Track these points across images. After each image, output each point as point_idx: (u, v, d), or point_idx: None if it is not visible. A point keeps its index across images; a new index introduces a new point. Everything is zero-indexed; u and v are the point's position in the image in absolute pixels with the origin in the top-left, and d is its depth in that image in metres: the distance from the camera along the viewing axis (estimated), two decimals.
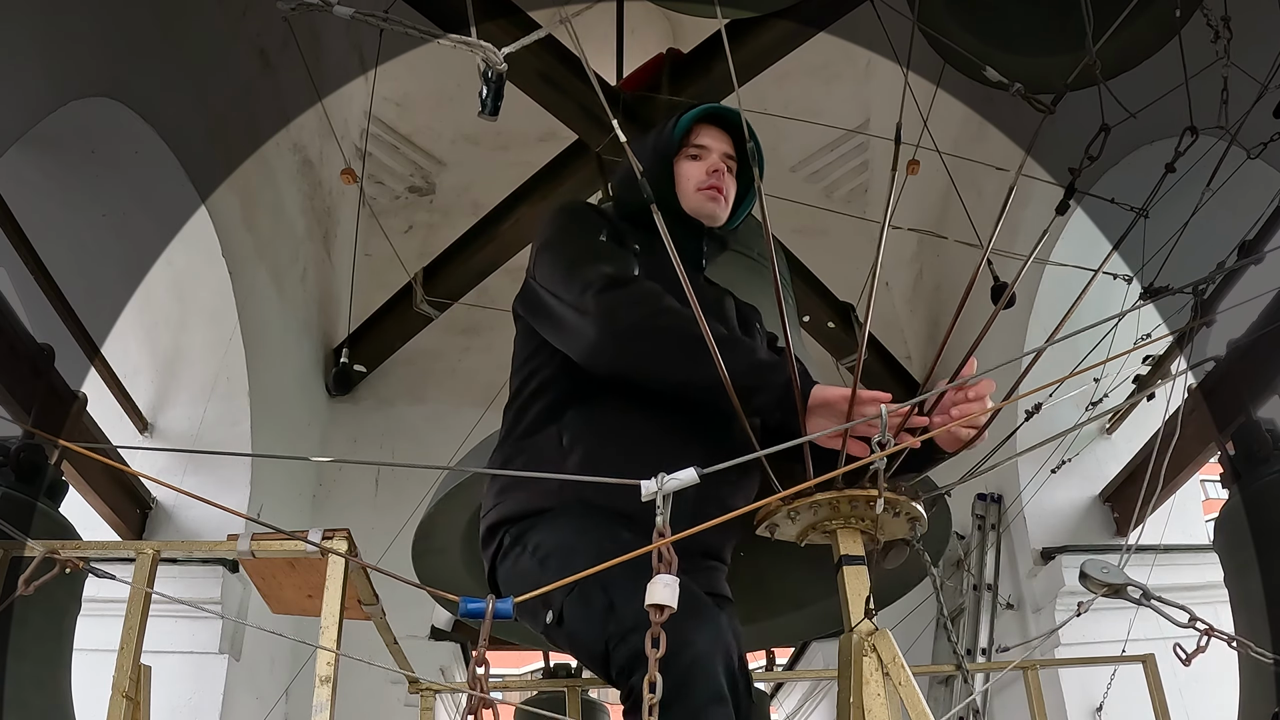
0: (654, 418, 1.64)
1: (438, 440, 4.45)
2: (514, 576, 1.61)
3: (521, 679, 9.91)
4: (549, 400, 1.73)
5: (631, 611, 1.34)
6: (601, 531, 1.52)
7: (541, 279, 1.75)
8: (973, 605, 4.28)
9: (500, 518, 1.66)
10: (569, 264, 1.71)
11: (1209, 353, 2.97)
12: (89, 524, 3.41)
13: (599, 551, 1.41)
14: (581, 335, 1.63)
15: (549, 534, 1.58)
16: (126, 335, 3.84)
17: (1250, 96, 2.17)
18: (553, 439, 1.67)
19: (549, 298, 1.71)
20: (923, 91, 2.70)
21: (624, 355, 1.61)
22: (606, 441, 1.64)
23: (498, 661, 11.35)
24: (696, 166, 1.87)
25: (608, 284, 1.62)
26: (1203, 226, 2.35)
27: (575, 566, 1.37)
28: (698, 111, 1.89)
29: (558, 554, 1.54)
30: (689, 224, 1.86)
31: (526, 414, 1.75)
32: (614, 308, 1.60)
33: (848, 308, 5.16)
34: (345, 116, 5.27)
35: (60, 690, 2.41)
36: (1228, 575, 2.63)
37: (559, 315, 1.68)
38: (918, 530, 1.52)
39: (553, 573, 1.47)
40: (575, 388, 1.70)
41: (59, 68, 2.72)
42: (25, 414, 2.81)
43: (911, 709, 1.31)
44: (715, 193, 1.85)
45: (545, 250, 1.79)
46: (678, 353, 1.53)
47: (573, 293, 1.65)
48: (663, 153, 1.88)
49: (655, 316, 1.57)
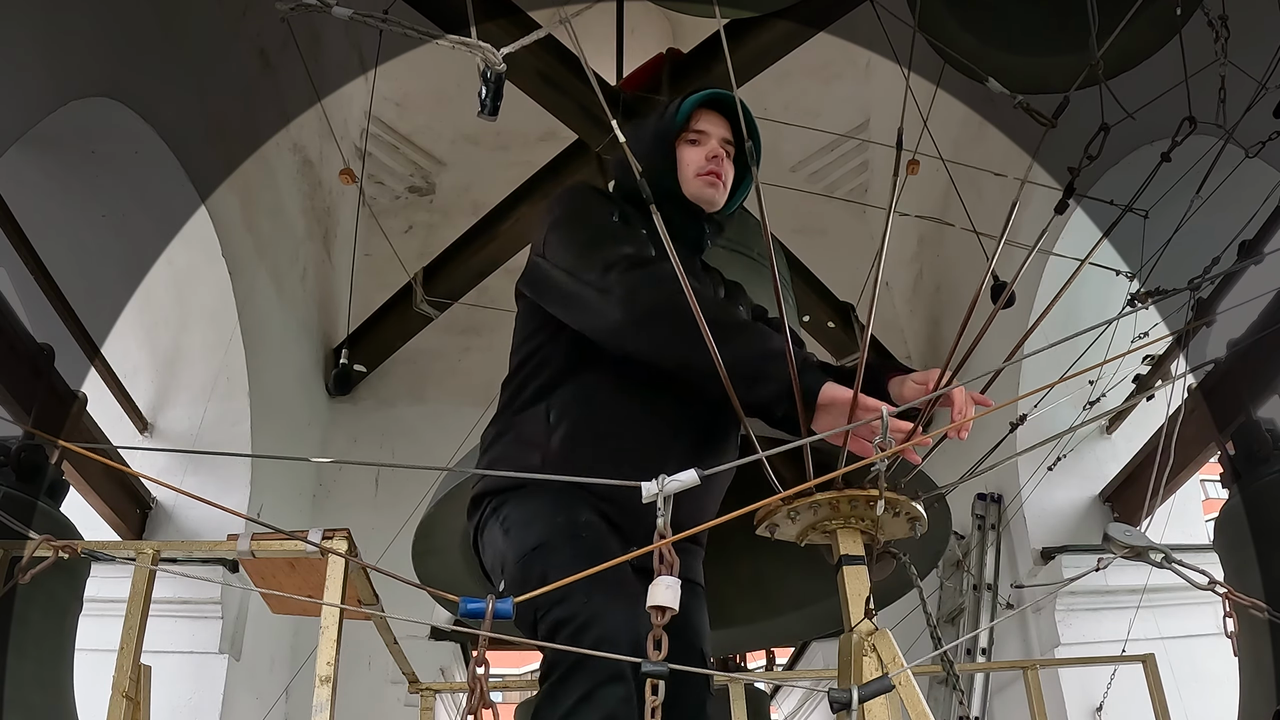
0: (642, 401, 1.69)
1: (438, 440, 4.45)
2: (486, 545, 1.70)
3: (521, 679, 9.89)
4: (543, 379, 1.77)
5: (559, 583, 1.38)
6: (561, 509, 1.59)
7: (554, 258, 1.77)
8: (972, 605, 4.28)
9: (484, 489, 1.72)
10: (586, 243, 1.74)
11: (1209, 353, 2.97)
12: (89, 524, 3.41)
13: (552, 525, 1.56)
14: (604, 314, 1.65)
15: (516, 507, 1.64)
16: (126, 335, 3.84)
17: (1253, 96, 2.17)
18: (540, 415, 1.72)
19: (563, 276, 1.73)
20: (923, 92, 2.71)
21: (644, 335, 1.63)
22: (592, 421, 1.69)
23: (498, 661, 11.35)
24: (696, 151, 1.88)
25: (630, 264, 1.65)
26: (1203, 227, 2.35)
27: (529, 537, 1.55)
28: (699, 96, 1.90)
29: (517, 525, 1.61)
30: (689, 208, 1.88)
31: (522, 391, 1.79)
32: (636, 288, 1.62)
33: (848, 308, 5.16)
34: (345, 116, 5.27)
35: (61, 689, 2.41)
36: (1228, 575, 2.62)
37: (575, 293, 1.70)
38: (918, 530, 1.52)
39: (511, 541, 1.59)
40: (568, 367, 1.74)
41: (59, 68, 2.72)
42: (25, 414, 2.81)
43: (911, 709, 1.31)
44: (714, 178, 1.86)
45: (557, 229, 1.81)
46: (696, 335, 1.55)
47: (593, 272, 1.67)
48: (663, 136, 1.89)
49: (675, 296, 1.58)
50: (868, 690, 1.11)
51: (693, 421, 1.71)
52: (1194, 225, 2.30)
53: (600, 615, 1.40)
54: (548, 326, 1.78)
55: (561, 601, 1.40)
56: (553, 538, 1.55)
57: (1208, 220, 2.32)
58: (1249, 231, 2.75)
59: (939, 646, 1.71)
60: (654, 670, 1.05)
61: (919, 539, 1.56)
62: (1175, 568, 1.25)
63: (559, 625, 1.40)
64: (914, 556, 1.61)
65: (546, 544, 1.54)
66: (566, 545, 1.53)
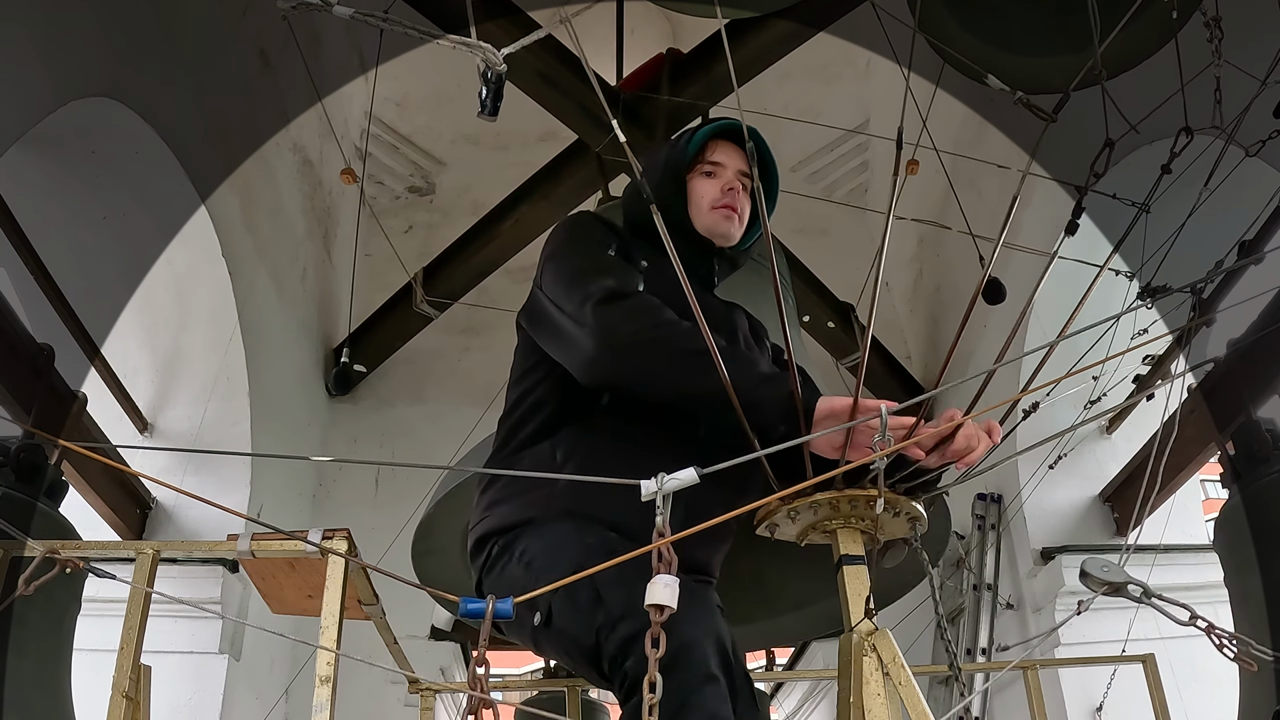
0: (649, 440, 1.62)
1: (438, 440, 4.45)
2: (501, 584, 1.61)
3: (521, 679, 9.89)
4: (544, 417, 1.72)
5: (618, 600, 1.35)
6: (587, 532, 1.53)
7: (546, 289, 1.74)
8: (973, 605, 4.28)
9: (488, 530, 1.66)
10: (571, 275, 1.70)
11: (1209, 352, 2.97)
12: (89, 524, 3.41)
13: (584, 549, 1.47)
14: (578, 347, 1.62)
15: (534, 540, 1.58)
16: (126, 335, 3.84)
17: (1252, 95, 2.17)
18: (544, 454, 1.67)
19: (551, 308, 1.70)
20: (923, 92, 2.70)
21: (619, 368, 1.60)
22: (600, 458, 1.62)
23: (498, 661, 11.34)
24: (711, 184, 1.82)
25: (606, 296, 1.61)
26: (1204, 226, 2.34)
27: (560, 566, 1.41)
28: (712, 127, 1.85)
29: (543, 555, 1.54)
30: (699, 243, 1.83)
31: (520, 429, 1.74)
32: (611, 321, 1.58)
33: (848, 308, 5.16)
34: (345, 116, 5.27)
35: (60, 690, 2.41)
36: (1228, 575, 2.63)
37: (559, 325, 1.67)
38: (918, 530, 1.52)
39: (538, 574, 1.49)
40: (571, 405, 1.69)
41: (59, 68, 2.72)
42: (25, 414, 2.81)
43: (911, 709, 1.31)
44: (730, 211, 1.81)
45: (551, 261, 1.78)
46: (673, 366, 1.52)
47: (572, 304, 1.64)
48: (675, 168, 1.84)
49: (651, 329, 1.56)
50: None
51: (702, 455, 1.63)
52: (1195, 225, 2.30)
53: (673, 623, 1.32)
54: (545, 363, 1.74)
55: (626, 617, 1.32)
56: (589, 560, 1.43)
57: (1208, 220, 2.32)
58: (1249, 231, 2.74)
59: (945, 639, 1.70)
60: None
61: (918, 538, 1.56)
62: (1153, 603, 1.24)
63: (631, 640, 1.31)
64: (914, 556, 1.60)
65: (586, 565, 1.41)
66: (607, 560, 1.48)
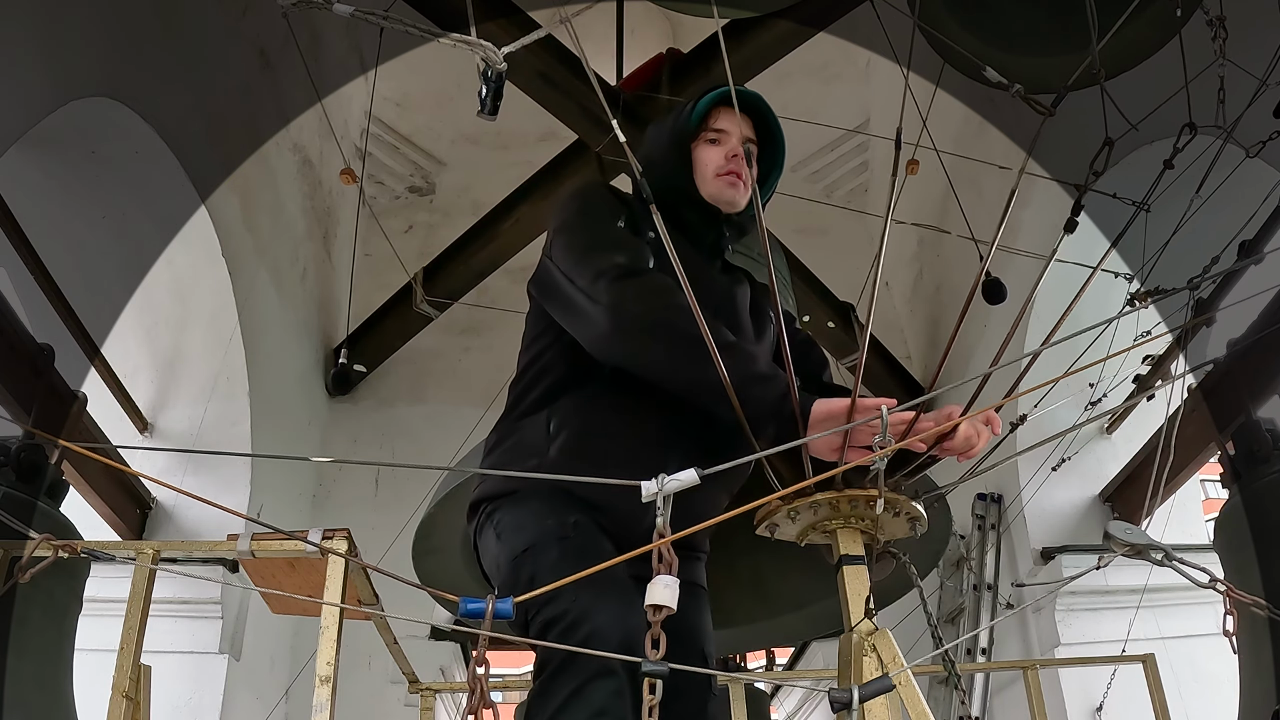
0: (644, 414, 1.66)
1: (438, 440, 4.46)
2: (483, 550, 1.71)
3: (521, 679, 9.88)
4: (547, 384, 1.75)
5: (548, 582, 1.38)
6: (550, 513, 1.59)
7: (557, 260, 1.75)
8: (972, 605, 4.28)
9: (482, 495, 1.73)
10: (584, 249, 1.71)
11: (1209, 353, 2.97)
12: (89, 524, 3.41)
13: (541, 528, 1.57)
14: (591, 323, 1.64)
15: (508, 511, 1.65)
16: (126, 335, 3.84)
17: (1252, 95, 2.17)
18: (541, 423, 1.71)
19: (563, 280, 1.71)
20: (923, 91, 2.70)
21: (629, 348, 1.62)
22: (592, 432, 1.67)
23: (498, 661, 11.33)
24: (715, 151, 1.82)
25: (620, 273, 1.62)
26: (1204, 226, 2.34)
27: (519, 540, 1.56)
28: (716, 94, 1.85)
29: (509, 529, 1.62)
30: (707, 210, 1.83)
31: (526, 396, 1.78)
32: (624, 299, 1.60)
33: (848, 308, 5.16)
34: (345, 116, 5.27)
35: (61, 689, 2.41)
36: (1228, 575, 2.62)
37: (571, 299, 1.68)
38: (918, 530, 1.52)
39: (503, 544, 1.61)
40: (573, 375, 1.73)
41: (59, 68, 2.72)
42: (25, 414, 2.80)
43: (911, 709, 1.31)
44: (734, 178, 1.80)
45: (561, 232, 1.78)
46: (680, 353, 1.53)
47: (585, 279, 1.65)
48: (680, 137, 1.83)
49: (663, 312, 1.57)
50: (868, 690, 1.11)
51: (694, 439, 1.66)
52: (1196, 225, 2.30)
53: (589, 612, 1.40)
54: (553, 329, 1.76)
55: (551, 601, 1.40)
56: (541, 539, 1.55)
57: (1209, 220, 2.32)
58: (1249, 231, 2.74)
59: (940, 646, 1.70)
60: (653, 670, 1.05)
61: (919, 539, 1.56)
62: (1176, 565, 1.25)
63: (550, 624, 1.41)
64: (914, 556, 1.60)
65: (535, 546, 1.55)
66: (554, 546, 1.53)
